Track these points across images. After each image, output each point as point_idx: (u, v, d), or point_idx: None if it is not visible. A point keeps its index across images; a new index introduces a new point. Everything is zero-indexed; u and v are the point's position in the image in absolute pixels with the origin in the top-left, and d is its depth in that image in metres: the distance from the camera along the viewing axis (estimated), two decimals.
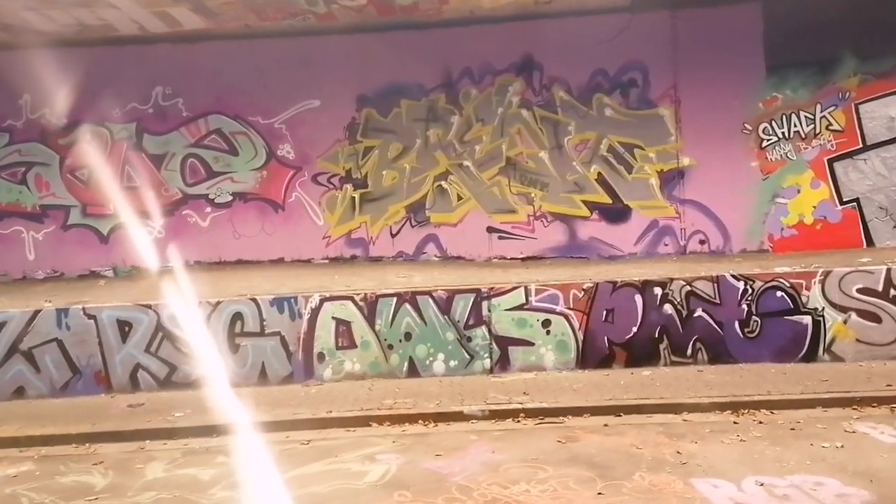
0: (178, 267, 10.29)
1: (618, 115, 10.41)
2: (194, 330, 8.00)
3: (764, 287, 8.26)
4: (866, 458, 5.11)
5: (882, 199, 9.93)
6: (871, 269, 8.16)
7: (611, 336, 8.32)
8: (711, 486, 4.72)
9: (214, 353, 8.01)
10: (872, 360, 8.01)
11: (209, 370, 7.97)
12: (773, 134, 10.14)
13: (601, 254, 10.48)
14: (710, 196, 10.29)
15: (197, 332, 8.01)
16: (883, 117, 9.90)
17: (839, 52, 9.95)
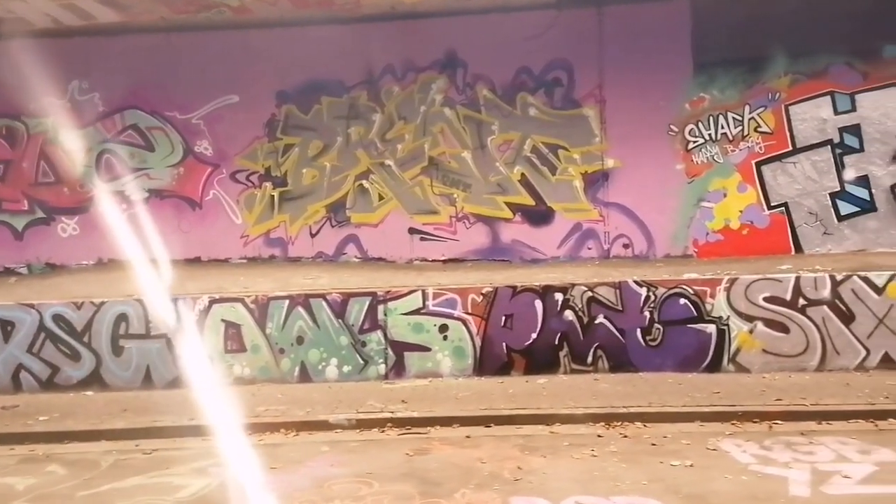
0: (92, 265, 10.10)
1: (542, 115, 10.12)
2: (79, 330, 7.79)
3: (667, 294, 7.99)
4: (709, 479, 4.84)
5: (812, 204, 9.61)
6: (779, 277, 7.87)
7: (510, 342, 8.07)
8: None
9: (98, 355, 7.80)
10: (780, 371, 7.73)
11: (92, 373, 7.76)
12: (700, 136, 9.83)
13: (524, 257, 10.20)
14: (634, 199, 9.99)
15: (82, 332, 7.80)
16: (814, 119, 9.58)
17: (770, 51, 9.62)
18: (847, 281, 7.72)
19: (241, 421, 6.37)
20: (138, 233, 10.46)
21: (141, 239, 10.46)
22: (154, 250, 10.43)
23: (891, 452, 5.24)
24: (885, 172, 9.41)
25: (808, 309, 7.75)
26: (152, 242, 10.42)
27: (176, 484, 5.02)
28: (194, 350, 7.88)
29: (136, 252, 10.46)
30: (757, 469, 4.99)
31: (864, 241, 9.47)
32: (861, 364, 7.65)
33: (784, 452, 5.32)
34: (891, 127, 9.36)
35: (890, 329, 7.62)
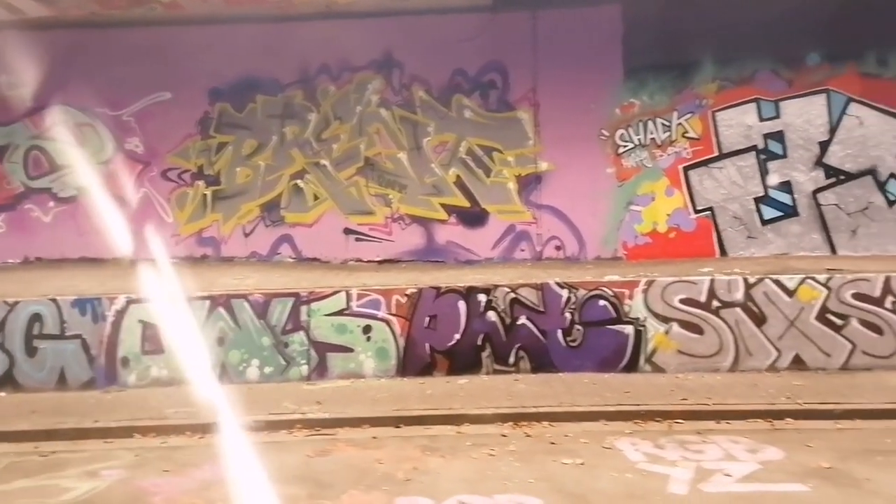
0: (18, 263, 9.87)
1: (477, 118, 10.19)
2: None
3: (587, 296, 8.10)
4: (595, 477, 4.93)
5: (736, 209, 9.84)
6: (694, 280, 8.04)
7: (433, 343, 8.10)
8: None
9: (11, 355, 7.62)
10: (694, 371, 7.89)
11: (5, 374, 7.59)
12: (630, 140, 10.00)
13: (458, 258, 10.25)
14: (566, 202, 10.12)
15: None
16: (739, 125, 9.81)
17: (698, 58, 9.83)
18: (759, 284, 7.92)
19: (148, 423, 6.29)
20: (65, 231, 10.28)
21: (68, 237, 10.30)
22: (81, 249, 10.27)
23: (778, 451, 5.40)
24: (808, 178, 9.68)
25: (721, 311, 7.92)
26: (79, 241, 10.26)
27: (63, 487, 4.93)
28: (110, 351, 7.74)
29: (63, 251, 10.29)
30: (644, 467, 5.11)
31: (787, 245, 9.74)
32: (772, 365, 7.84)
33: (675, 451, 5.44)
34: (813, 134, 9.64)
35: (800, 331, 7.83)
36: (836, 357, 7.76)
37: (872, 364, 7.68)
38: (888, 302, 7.70)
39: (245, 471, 5.23)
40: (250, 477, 5.07)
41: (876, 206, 9.52)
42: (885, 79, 9.46)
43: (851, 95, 9.51)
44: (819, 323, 7.80)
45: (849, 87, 9.52)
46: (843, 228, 9.60)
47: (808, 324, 7.81)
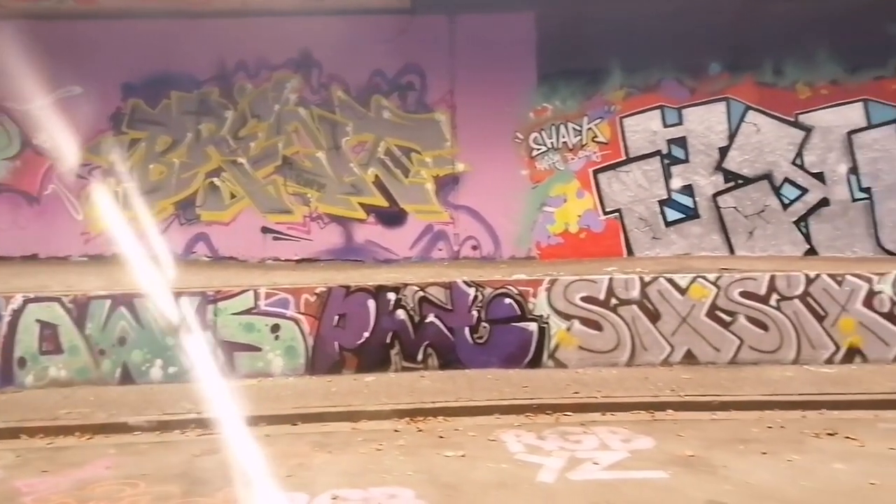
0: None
1: (395, 118, 10.32)
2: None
3: (494, 294, 8.33)
4: (472, 469, 5.14)
5: (642, 211, 10.28)
6: (594, 279, 8.37)
7: (342, 342, 8.18)
8: (287, 499, 4.61)
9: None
10: (593, 366, 8.21)
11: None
12: (543, 143, 10.31)
13: (377, 257, 10.37)
14: (482, 202, 10.36)
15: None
16: (645, 131, 10.24)
17: (607, 65, 10.22)
18: (654, 282, 8.31)
19: (36, 424, 6.17)
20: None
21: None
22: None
23: (650, 440, 5.72)
24: (708, 182, 10.19)
25: (619, 308, 8.28)
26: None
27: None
28: (6, 351, 7.54)
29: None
30: (521, 458, 5.35)
31: (689, 245, 10.23)
32: (666, 359, 8.24)
33: (555, 442, 5.71)
34: (713, 140, 10.15)
35: (692, 327, 8.26)
36: (724, 352, 8.21)
37: (759, 359, 8.16)
38: (773, 300, 8.20)
39: (125, 470, 5.21)
40: (128, 476, 5.05)
41: (771, 209, 10.10)
42: (779, 88, 10.04)
43: (749, 103, 10.06)
44: (709, 319, 8.24)
45: (747, 95, 10.06)
46: (741, 230, 10.15)
47: (699, 320, 8.24)
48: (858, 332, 8.08)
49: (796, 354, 8.12)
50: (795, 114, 9.99)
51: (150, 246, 10.18)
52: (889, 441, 5.50)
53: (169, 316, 7.81)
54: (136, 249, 10.17)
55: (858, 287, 8.11)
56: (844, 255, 9.94)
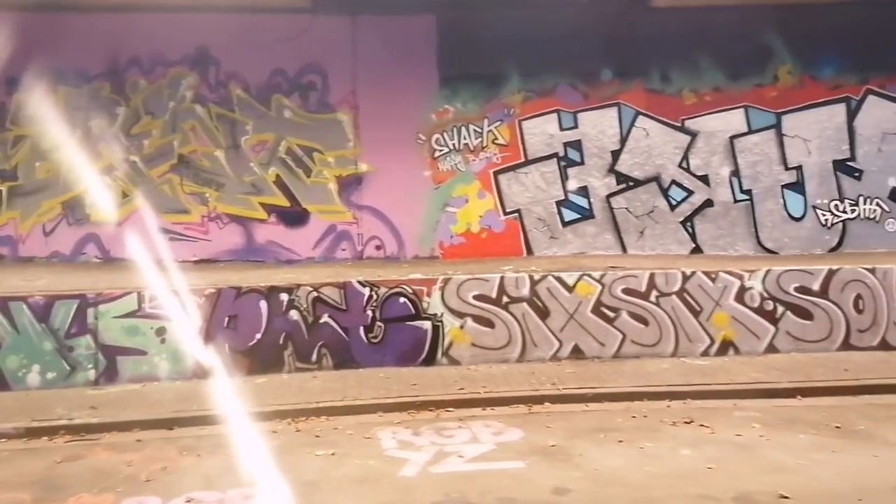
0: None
1: (297, 118, 10.26)
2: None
3: (388, 293, 8.43)
4: (338, 465, 5.23)
5: (541, 211, 10.60)
6: (486, 277, 8.59)
7: (233, 343, 8.09)
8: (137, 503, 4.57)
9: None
10: (485, 363, 8.42)
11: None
12: (445, 145, 10.48)
13: (279, 257, 10.27)
14: (386, 203, 10.43)
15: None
16: (543, 134, 10.56)
17: (506, 70, 10.48)
18: (543, 280, 8.61)
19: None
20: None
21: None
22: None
23: (519, 433, 5.95)
24: (602, 184, 10.60)
25: (510, 306, 8.54)
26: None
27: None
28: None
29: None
30: (391, 454, 5.46)
31: (584, 244, 10.62)
32: (555, 355, 8.55)
33: (428, 437, 5.85)
34: (606, 143, 10.57)
35: (579, 323, 8.60)
36: (609, 346, 8.59)
37: (640, 352, 8.57)
38: (653, 296, 8.63)
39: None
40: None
41: (660, 209, 10.60)
42: (667, 94, 10.55)
43: (639, 109, 10.53)
44: (594, 315, 8.60)
45: (636, 101, 10.53)
46: (632, 230, 10.62)
47: (586, 316, 8.59)
48: (731, 326, 8.61)
49: (674, 348, 8.58)
50: (681, 119, 10.53)
51: (36, 248, 9.80)
52: (739, 428, 5.91)
53: (47, 319, 7.53)
54: (21, 251, 9.76)
55: (731, 283, 8.64)
56: (727, 253, 10.55)
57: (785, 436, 5.68)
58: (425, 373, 8.04)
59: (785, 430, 5.82)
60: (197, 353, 7.92)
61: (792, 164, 10.51)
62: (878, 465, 4.99)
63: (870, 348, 8.49)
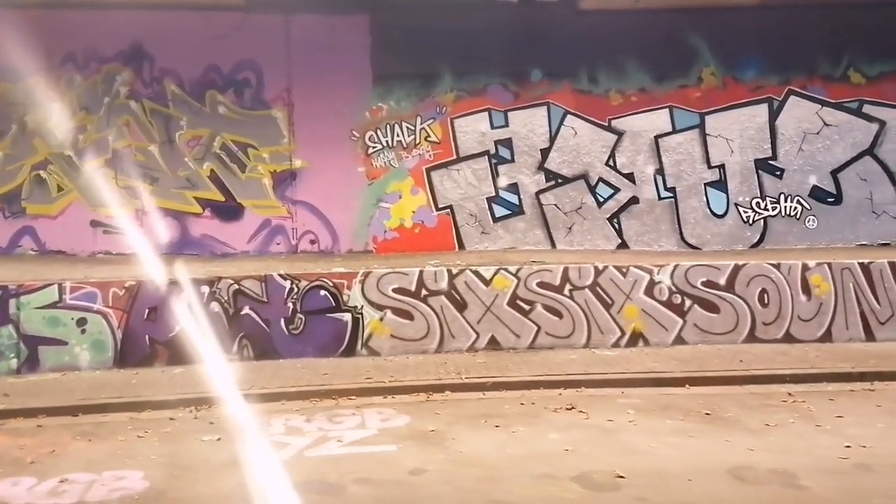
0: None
1: (231, 114, 10.47)
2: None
3: (309, 286, 8.68)
4: (219, 451, 5.46)
5: (472, 207, 10.87)
6: (406, 271, 8.86)
7: (153, 334, 8.32)
8: (10, 483, 4.80)
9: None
10: (405, 354, 8.69)
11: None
12: (379, 142, 10.73)
13: (214, 251, 10.49)
14: (320, 198, 10.67)
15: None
16: (474, 132, 10.83)
17: (438, 69, 10.73)
18: (461, 274, 8.88)
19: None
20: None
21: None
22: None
23: (407, 419, 6.22)
24: (531, 181, 10.89)
25: (429, 298, 8.81)
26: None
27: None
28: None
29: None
30: (275, 439, 5.70)
31: (514, 239, 10.91)
32: (472, 346, 8.83)
33: (318, 423, 6.10)
34: (535, 142, 10.85)
35: (495, 315, 8.89)
36: (524, 338, 8.88)
37: (554, 343, 8.88)
38: (566, 289, 8.94)
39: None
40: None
41: (587, 206, 10.91)
42: (594, 95, 10.85)
43: (567, 108, 10.82)
44: (510, 308, 8.89)
45: (565, 101, 10.82)
46: (561, 226, 10.92)
47: (502, 309, 8.88)
48: (641, 319, 8.94)
49: (587, 339, 8.90)
50: (608, 119, 10.83)
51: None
52: (614, 414, 6.21)
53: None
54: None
55: (641, 277, 8.96)
56: (652, 248, 10.88)
57: (653, 421, 5.99)
58: (342, 363, 8.30)
59: (656, 416, 6.13)
60: (117, 344, 8.14)
61: (715, 163, 10.86)
62: (724, 449, 5.31)
63: (774, 341, 8.85)
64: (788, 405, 6.37)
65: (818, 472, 4.75)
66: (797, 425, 5.78)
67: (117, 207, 10.24)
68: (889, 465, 4.85)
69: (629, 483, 4.63)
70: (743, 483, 4.63)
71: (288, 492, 4.55)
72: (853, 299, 8.84)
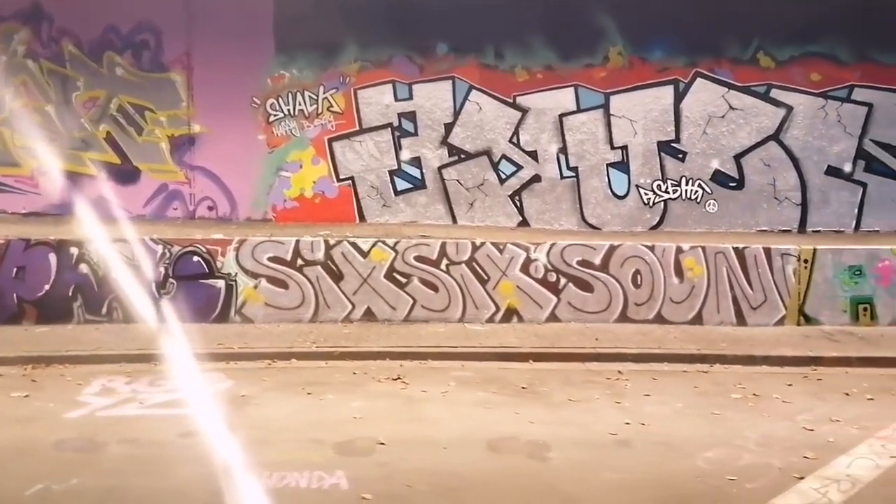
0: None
1: (129, 76, 10.38)
2: None
3: (182, 252, 8.70)
4: (19, 407, 5.55)
5: (374, 179, 10.84)
6: (282, 240, 8.88)
7: (21, 294, 8.37)
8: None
9: None
10: (279, 322, 8.75)
11: None
12: (280, 110, 10.65)
13: (109, 214, 10.45)
14: (219, 164, 10.63)
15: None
16: (378, 104, 10.74)
17: (342, 39, 10.60)
18: (338, 245, 8.91)
19: None
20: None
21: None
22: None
23: (230, 383, 6.30)
24: (434, 155, 10.84)
25: (305, 268, 8.85)
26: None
27: None
28: None
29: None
30: (81, 399, 5.78)
31: (415, 213, 10.89)
32: (347, 317, 8.90)
33: (134, 386, 6.19)
34: (439, 116, 10.77)
35: (371, 287, 8.93)
36: (400, 310, 8.94)
37: (429, 317, 8.93)
38: (443, 264, 8.97)
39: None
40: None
41: (490, 183, 10.87)
42: (500, 70, 10.74)
43: (473, 84, 10.72)
44: (387, 281, 8.93)
45: (470, 76, 10.71)
46: (463, 201, 10.89)
47: (379, 281, 8.92)
48: (516, 296, 8.98)
49: (462, 314, 8.96)
50: (513, 95, 10.74)
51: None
52: (432, 386, 6.26)
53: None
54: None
55: (518, 255, 8.99)
56: (552, 227, 10.86)
57: (465, 393, 6.06)
58: (211, 329, 8.37)
59: (472, 389, 6.20)
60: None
61: (618, 144, 10.80)
62: (506, 420, 5.37)
63: (645, 321, 8.90)
64: (609, 382, 6.44)
65: (574, 445, 4.82)
66: (599, 401, 5.85)
67: (13, 167, 10.22)
68: (651, 442, 4.92)
69: (385, 450, 4.70)
70: (494, 452, 4.71)
71: (42, 450, 4.61)
72: (726, 283, 8.88)
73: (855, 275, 8.79)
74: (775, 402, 5.82)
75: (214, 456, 4.53)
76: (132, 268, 8.58)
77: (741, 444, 4.87)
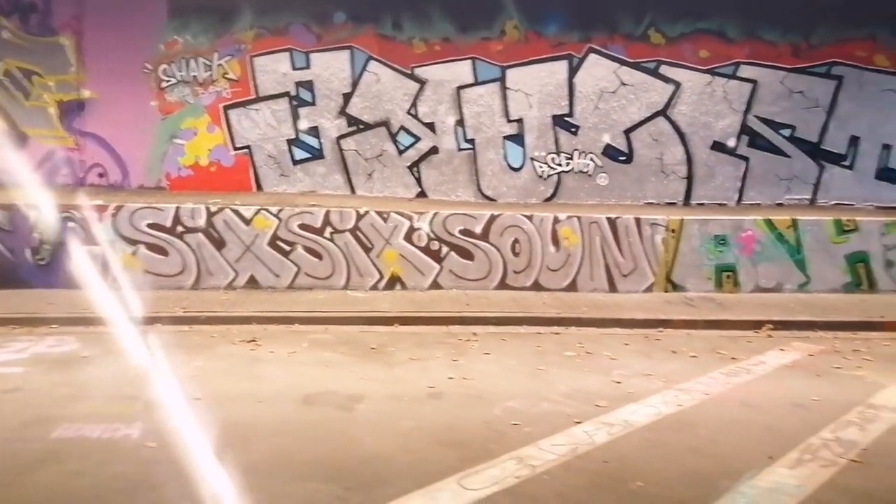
0: None
1: (16, 39, 10.09)
2: None
3: (57, 218, 8.61)
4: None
5: (271, 148, 10.83)
6: (161, 207, 8.86)
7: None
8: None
9: None
10: (160, 289, 8.76)
11: None
12: (173, 76, 10.52)
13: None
14: (110, 131, 10.47)
15: None
16: (275, 72, 10.69)
17: (238, 5, 10.49)
18: (221, 213, 8.94)
19: None
20: None
21: None
22: None
23: (76, 346, 6.37)
24: (332, 125, 10.87)
25: (185, 235, 8.87)
26: None
27: None
28: None
29: None
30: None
31: (314, 183, 10.94)
32: (230, 284, 8.98)
33: None
34: (337, 86, 10.79)
35: (255, 255, 9.01)
36: (284, 278, 9.05)
37: (314, 284, 9.08)
38: (327, 232, 9.09)
39: None
40: None
41: (388, 154, 10.98)
42: (398, 41, 10.78)
43: (371, 54, 10.75)
44: (271, 248, 9.02)
45: (369, 46, 10.73)
46: (361, 172, 10.99)
47: (262, 249, 9.01)
48: (400, 263, 9.18)
49: (346, 281, 9.12)
50: (412, 67, 10.81)
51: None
52: (284, 347, 6.44)
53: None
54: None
55: (401, 223, 9.16)
56: (450, 198, 11.06)
57: (314, 354, 6.24)
58: (82, 295, 8.32)
59: (323, 350, 6.39)
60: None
61: (514, 117, 11.00)
62: (336, 377, 5.58)
63: (523, 289, 9.22)
64: (460, 343, 6.69)
65: (387, 398, 5.05)
66: (439, 360, 6.09)
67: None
68: (462, 395, 5.18)
69: (198, 404, 4.85)
70: (306, 406, 4.91)
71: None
72: (599, 252, 9.24)
73: (720, 244, 9.23)
74: (602, 359, 6.15)
75: (25, 410, 4.60)
76: (5, 233, 8.47)
77: (546, 395, 5.16)
